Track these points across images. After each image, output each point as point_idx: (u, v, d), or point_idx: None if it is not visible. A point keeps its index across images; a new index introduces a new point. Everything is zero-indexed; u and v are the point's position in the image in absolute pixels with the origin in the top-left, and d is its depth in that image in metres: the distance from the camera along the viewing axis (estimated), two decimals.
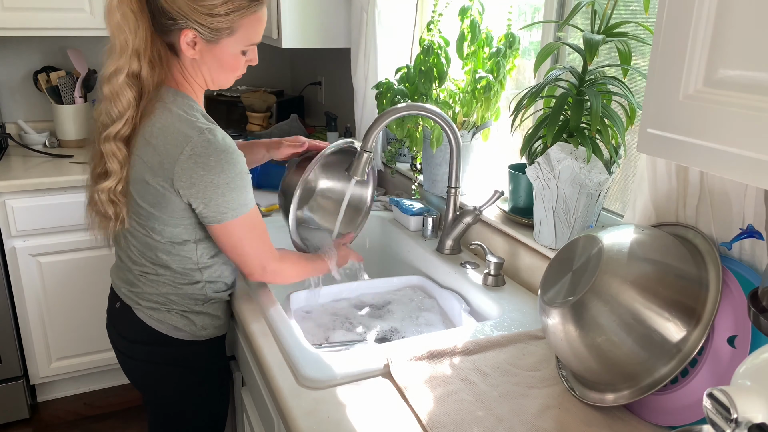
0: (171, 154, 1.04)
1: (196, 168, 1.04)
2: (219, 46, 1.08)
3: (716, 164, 0.60)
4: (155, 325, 1.21)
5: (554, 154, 1.14)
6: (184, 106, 1.08)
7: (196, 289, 1.22)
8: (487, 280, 1.34)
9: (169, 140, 1.05)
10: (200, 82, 1.14)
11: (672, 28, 0.62)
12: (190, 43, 1.06)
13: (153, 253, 1.18)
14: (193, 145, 1.04)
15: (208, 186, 1.05)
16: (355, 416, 0.91)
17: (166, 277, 1.19)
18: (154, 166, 1.06)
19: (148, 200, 1.10)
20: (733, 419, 0.57)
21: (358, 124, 1.98)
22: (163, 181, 1.07)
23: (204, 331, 1.25)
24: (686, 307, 0.86)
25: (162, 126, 1.06)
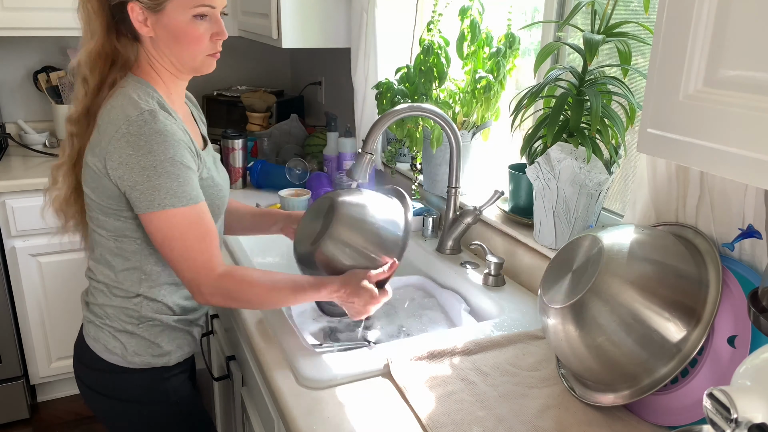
0: (108, 132, 1.00)
1: (127, 147, 0.98)
2: (166, 13, 1.01)
3: (716, 164, 0.60)
4: (91, 344, 1.13)
5: (554, 154, 1.14)
6: (139, 90, 1.03)
7: (132, 303, 1.10)
8: (487, 280, 1.34)
9: (111, 119, 1.00)
10: (167, 66, 1.08)
11: (672, 28, 0.62)
12: (141, 19, 1.02)
13: (100, 251, 1.11)
14: (128, 123, 0.98)
15: (134, 167, 0.98)
16: (355, 416, 0.91)
17: (106, 283, 1.11)
18: (93, 145, 1.03)
19: (90, 184, 1.06)
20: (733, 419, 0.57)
21: (358, 124, 1.98)
22: (98, 161, 1.01)
23: (137, 358, 1.12)
24: (686, 307, 0.86)
25: (109, 108, 1.02)
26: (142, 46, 1.06)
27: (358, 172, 1.33)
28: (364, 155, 1.32)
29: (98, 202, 1.06)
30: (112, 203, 1.05)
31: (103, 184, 1.03)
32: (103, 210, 1.06)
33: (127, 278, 1.10)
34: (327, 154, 2.06)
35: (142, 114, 0.99)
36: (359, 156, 1.32)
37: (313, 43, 2.00)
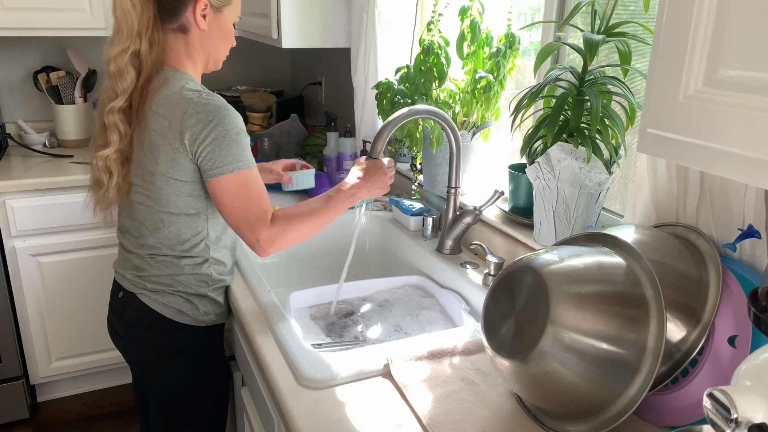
0: (176, 115, 1.14)
1: (198, 124, 1.13)
2: (222, 14, 1.23)
3: (716, 164, 0.60)
4: (159, 308, 1.26)
5: (554, 154, 1.14)
6: (184, 80, 1.19)
7: (203, 268, 1.27)
8: (487, 280, 1.34)
9: (173, 105, 1.14)
10: (203, 59, 1.25)
11: (672, 28, 0.62)
12: (202, 13, 1.18)
13: (166, 229, 1.23)
14: (194, 104, 1.13)
15: (206, 138, 1.13)
16: (355, 416, 0.91)
17: (175, 255, 1.24)
18: (163, 129, 1.15)
19: (162, 165, 1.17)
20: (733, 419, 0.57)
21: (358, 124, 1.98)
22: (173, 140, 1.15)
23: (206, 317, 1.30)
24: (686, 307, 0.86)
25: (166, 96, 1.16)
26: (185, 38, 1.20)
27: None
28: None
29: (172, 179, 1.18)
30: (186, 177, 1.18)
31: (179, 161, 1.16)
32: (178, 188, 1.19)
33: (196, 247, 1.25)
34: (327, 154, 2.06)
35: (200, 94, 1.15)
36: None
37: (313, 43, 2.00)
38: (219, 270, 1.30)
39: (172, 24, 1.18)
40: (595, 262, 0.86)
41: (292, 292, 1.34)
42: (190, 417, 1.36)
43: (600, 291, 0.82)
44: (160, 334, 1.28)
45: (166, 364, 1.31)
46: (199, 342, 1.32)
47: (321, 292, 1.38)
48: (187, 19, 1.19)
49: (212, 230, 1.26)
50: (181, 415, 1.36)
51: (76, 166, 2.21)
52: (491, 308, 0.92)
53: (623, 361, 0.81)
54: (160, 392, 1.36)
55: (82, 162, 2.26)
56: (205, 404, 1.37)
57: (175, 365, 1.31)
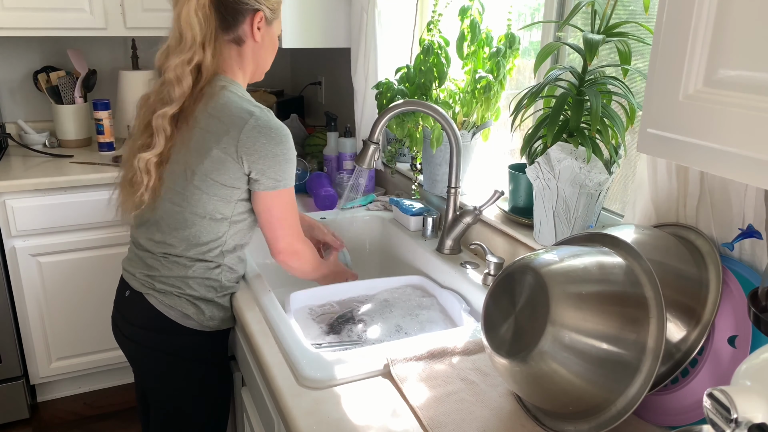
0: (236, 123, 1.17)
1: (260, 137, 1.17)
2: (272, 27, 1.27)
3: (716, 164, 0.60)
4: (165, 311, 1.25)
5: (554, 154, 1.14)
6: (239, 90, 1.24)
7: (215, 273, 1.27)
8: (487, 280, 1.33)
9: (234, 112, 1.18)
10: (251, 70, 1.29)
11: (672, 28, 0.62)
12: (258, 26, 1.22)
13: (187, 230, 1.23)
14: (256, 118, 1.17)
15: (268, 154, 1.17)
16: (355, 416, 0.91)
17: (189, 257, 1.25)
18: (219, 133, 1.17)
19: (207, 165, 1.18)
20: (733, 419, 0.57)
21: (358, 124, 1.98)
22: (228, 146, 1.17)
23: (211, 322, 1.29)
24: (686, 307, 0.86)
25: (224, 103, 1.19)
26: (238, 49, 1.24)
27: (364, 160, 1.39)
28: (369, 144, 1.37)
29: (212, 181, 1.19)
30: (229, 182, 1.20)
31: (229, 165, 1.19)
32: (213, 192, 1.21)
33: (212, 252, 1.26)
34: (327, 154, 2.06)
35: (262, 110, 1.20)
36: (365, 145, 1.39)
37: (313, 43, 2.00)
38: (229, 277, 1.30)
39: (228, 35, 1.22)
40: (595, 262, 0.86)
41: (292, 292, 1.34)
42: (190, 422, 1.36)
43: (600, 291, 0.82)
44: (164, 337, 1.28)
45: (168, 367, 1.31)
46: (203, 347, 1.31)
47: (321, 292, 1.38)
48: (243, 31, 1.22)
49: (231, 239, 1.27)
50: (181, 419, 1.35)
51: (76, 166, 2.21)
52: (491, 308, 0.92)
53: (623, 361, 0.81)
54: (161, 395, 1.35)
55: (82, 162, 2.26)
56: (206, 410, 1.36)
57: (178, 369, 1.31)
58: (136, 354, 1.34)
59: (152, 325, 1.27)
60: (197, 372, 1.32)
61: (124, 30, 2.27)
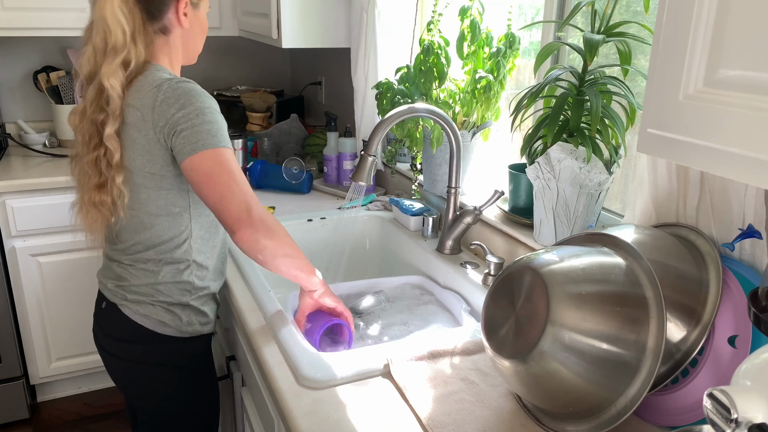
0: (146, 104, 1.10)
1: (169, 108, 1.09)
2: (199, 9, 1.22)
3: (716, 164, 0.60)
4: (141, 320, 1.21)
5: (554, 154, 1.14)
6: (160, 71, 1.15)
7: (184, 275, 1.21)
8: (487, 280, 1.33)
9: (144, 94, 1.11)
10: (181, 57, 1.23)
11: (672, 28, 0.62)
12: (184, 12, 1.17)
13: (147, 232, 1.18)
14: (164, 90, 1.10)
15: (179, 119, 1.08)
16: (355, 416, 0.91)
17: (156, 261, 1.19)
18: (137, 122, 1.11)
19: (139, 160, 1.12)
20: (733, 419, 0.57)
21: (358, 124, 1.98)
22: (147, 131, 1.11)
23: (189, 327, 1.24)
24: (686, 307, 0.86)
25: (138, 86, 1.12)
26: (165, 38, 1.18)
27: (362, 175, 1.34)
28: (366, 158, 1.33)
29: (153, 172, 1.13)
30: (165, 169, 1.13)
31: (154, 152, 1.12)
32: (158, 182, 1.14)
33: (179, 248, 1.20)
34: (327, 154, 2.06)
35: (171, 80, 1.11)
36: (362, 159, 1.33)
37: (313, 43, 2.00)
38: (201, 275, 1.24)
39: (154, 25, 1.16)
40: (595, 262, 0.86)
41: (292, 292, 1.34)
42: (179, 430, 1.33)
43: (600, 291, 0.82)
44: (143, 347, 1.23)
45: (151, 377, 1.26)
46: (185, 354, 1.27)
47: None
48: (169, 20, 1.17)
49: (196, 229, 1.21)
50: (168, 427, 1.32)
51: None
52: (491, 308, 0.92)
53: (623, 361, 0.81)
54: (147, 406, 1.32)
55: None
56: (194, 417, 1.33)
57: (161, 378, 1.27)
58: (117, 367, 1.29)
59: (130, 336, 1.22)
60: (182, 379, 1.28)
61: None
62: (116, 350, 1.26)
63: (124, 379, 1.31)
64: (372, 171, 1.35)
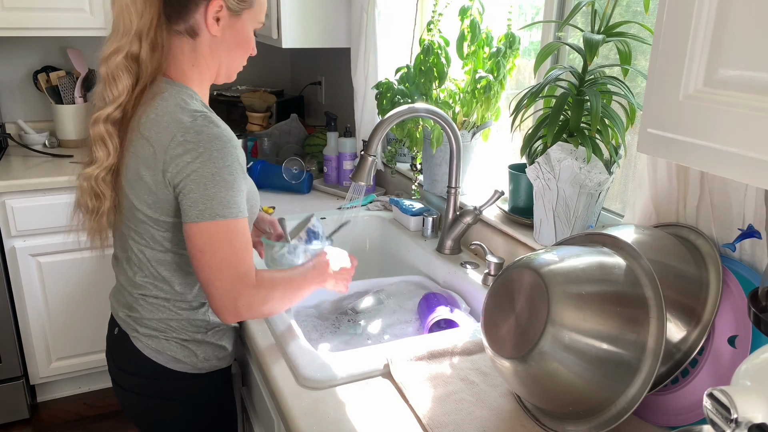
0: (162, 142, 0.97)
1: (185, 154, 0.95)
2: (241, 20, 1.04)
3: (716, 164, 0.60)
4: (153, 356, 1.11)
5: (554, 154, 1.14)
6: (182, 95, 1.01)
7: (199, 314, 1.12)
8: (487, 280, 1.33)
9: (162, 128, 0.97)
10: (212, 69, 1.08)
11: (672, 28, 0.62)
12: (216, 16, 1.01)
13: (154, 268, 1.08)
14: (184, 131, 0.96)
15: (191, 174, 0.95)
16: (355, 416, 0.91)
17: (166, 298, 1.10)
18: (147, 158, 0.99)
19: (145, 200, 1.02)
20: (733, 419, 0.57)
21: (358, 124, 1.98)
22: (156, 173, 0.98)
23: (206, 363, 1.15)
24: (686, 307, 0.86)
25: (156, 116, 0.99)
26: (192, 43, 1.03)
27: (362, 175, 1.34)
28: (366, 158, 1.33)
29: (156, 217, 1.02)
30: (171, 215, 1.02)
31: (162, 197, 1.00)
32: (164, 225, 1.03)
33: (190, 289, 1.10)
34: (327, 154, 2.06)
35: (195, 119, 0.97)
36: (362, 159, 1.33)
37: (313, 43, 2.00)
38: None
39: (178, 25, 1.01)
40: (595, 262, 0.86)
41: None
42: None
43: (600, 291, 0.82)
44: (155, 383, 1.14)
45: (164, 413, 1.18)
46: (200, 390, 1.17)
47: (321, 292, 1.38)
48: (196, 22, 1.01)
49: None
50: None
51: (76, 166, 2.20)
52: (491, 308, 0.92)
53: (623, 361, 0.81)
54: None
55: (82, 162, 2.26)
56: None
57: (175, 414, 1.18)
58: (129, 402, 1.20)
59: (142, 370, 1.13)
60: (196, 416, 1.20)
61: None
62: (129, 384, 1.17)
63: (140, 415, 1.22)
64: (372, 171, 1.35)
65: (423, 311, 1.29)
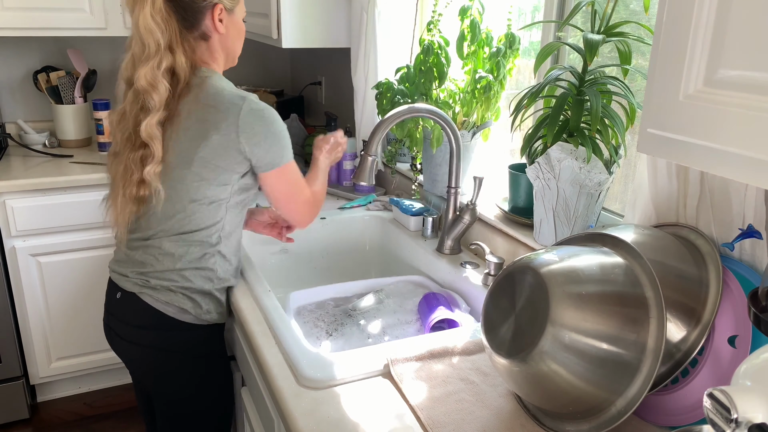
0: (232, 110, 1.19)
1: (257, 120, 1.20)
2: (235, 14, 1.28)
3: (716, 164, 0.60)
4: (162, 307, 1.25)
5: (554, 154, 1.14)
6: (224, 80, 1.26)
7: (210, 263, 1.28)
8: (487, 280, 1.34)
9: (227, 99, 1.20)
10: (222, 60, 1.30)
11: (672, 28, 0.62)
12: (219, 18, 1.23)
13: (186, 218, 1.24)
14: (249, 103, 1.20)
15: (267, 135, 1.21)
16: (355, 416, 0.91)
17: (183, 246, 1.25)
18: (218, 120, 1.19)
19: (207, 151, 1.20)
20: (733, 419, 0.57)
21: (358, 124, 1.98)
22: (229, 131, 1.19)
23: (208, 315, 1.30)
24: (686, 307, 0.86)
25: (215, 92, 1.21)
26: (206, 44, 1.25)
27: (362, 175, 1.35)
28: (367, 158, 1.33)
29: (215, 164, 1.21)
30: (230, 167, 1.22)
31: (230, 152, 1.21)
32: (215, 175, 1.22)
33: (211, 236, 1.27)
34: None
35: (250, 95, 1.23)
36: (363, 159, 1.34)
37: (313, 43, 2.00)
38: (224, 267, 1.30)
39: (193, 33, 1.23)
40: (595, 262, 0.86)
41: (292, 292, 1.34)
42: (196, 416, 1.36)
43: (600, 291, 0.82)
44: (161, 333, 1.27)
45: (168, 363, 1.30)
46: (202, 341, 1.31)
47: (321, 292, 1.38)
48: (206, 27, 1.23)
49: (228, 223, 1.28)
50: (187, 414, 1.35)
51: (76, 166, 2.21)
52: (491, 308, 0.92)
53: (623, 361, 0.81)
54: (164, 392, 1.35)
55: (82, 162, 2.26)
56: (210, 402, 1.37)
57: (178, 365, 1.31)
58: (133, 354, 1.33)
59: (148, 323, 1.26)
60: (198, 366, 1.32)
61: (124, 30, 2.27)
62: (135, 337, 1.29)
63: (143, 366, 1.35)
64: (373, 171, 1.35)
65: (423, 311, 1.29)
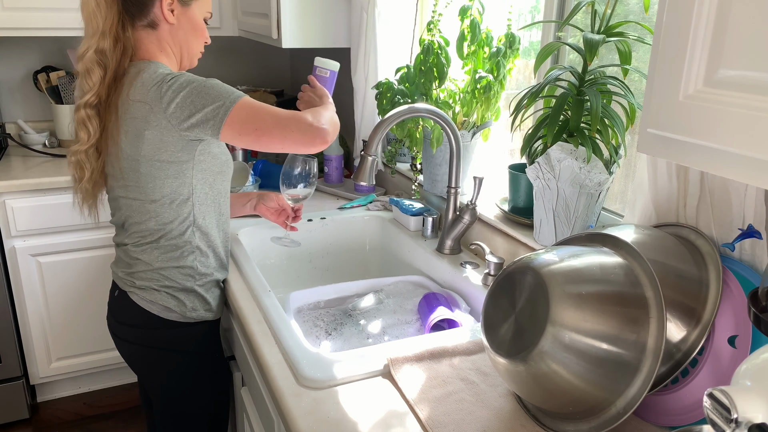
0: (153, 97, 1.16)
1: (176, 95, 1.14)
2: (191, 9, 1.27)
3: (716, 164, 0.60)
4: (147, 306, 1.28)
5: (554, 154, 1.14)
6: (155, 66, 1.21)
7: (189, 260, 1.28)
8: (487, 280, 1.34)
9: (149, 88, 1.17)
10: (176, 54, 1.29)
11: (672, 28, 0.62)
12: (170, 8, 1.23)
13: (152, 219, 1.24)
14: (167, 80, 1.16)
15: (194, 96, 1.14)
16: (355, 416, 0.91)
17: (161, 246, 1.26)
18: (145, 114, 1.16)
19: (147, 149, 1.18)
20: (733, 419, 0.57)
21: (358, 124, 1.98)
22: (158, 121, 1.16)
23: (194, 313, 1.31)
24: (686, 307, 0.86)
25: (141, 84, 1.18)
26: (155, 33, 1.24)
27: (362, 175, 1.34)
28: (366, 158, 1.33)
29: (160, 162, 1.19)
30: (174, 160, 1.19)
31: (167, 140, 1.17)
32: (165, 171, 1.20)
33: (183, 235, 1.26)
34: (327, 154, 2.06)
35: (171, 72, 1.19)
36: (363, 159, 1.33)
37: (313, 43, 2.00)
38: (204, 262, 1.30)
39: (142, 21, 1.22)
40: (595, 262, 0.86)
41: (292, 292, 1.34)
42: (190, 414, 1.37)
43: (600, 291, 0.82)
44: (150, 332, 1.30)
45: (158, 361, 1.33)
46: (190, 338, 1.33)
47: (321, 292, 1.38)
48: (155, 15, 1.22)
49: (199, 217, 1.27)
50: (181, 412, 1.37)
51: None
52: (491, 308, 0.92)
53: (623, 361, 0.81)
54: (158, 390, 1.37)
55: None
56: (203, 401, 1.38)
57: (169, 363, 1.33)
58: (129, 352, 1.36)
59: (138, 321, 1.29)
60: (190, 363, 1.34)
61: None
62: (126, 335, 1.33)
63: (137, 363, 1.38)
64: (373, 171, 1.35)
65: (423, 311, 1.29)
